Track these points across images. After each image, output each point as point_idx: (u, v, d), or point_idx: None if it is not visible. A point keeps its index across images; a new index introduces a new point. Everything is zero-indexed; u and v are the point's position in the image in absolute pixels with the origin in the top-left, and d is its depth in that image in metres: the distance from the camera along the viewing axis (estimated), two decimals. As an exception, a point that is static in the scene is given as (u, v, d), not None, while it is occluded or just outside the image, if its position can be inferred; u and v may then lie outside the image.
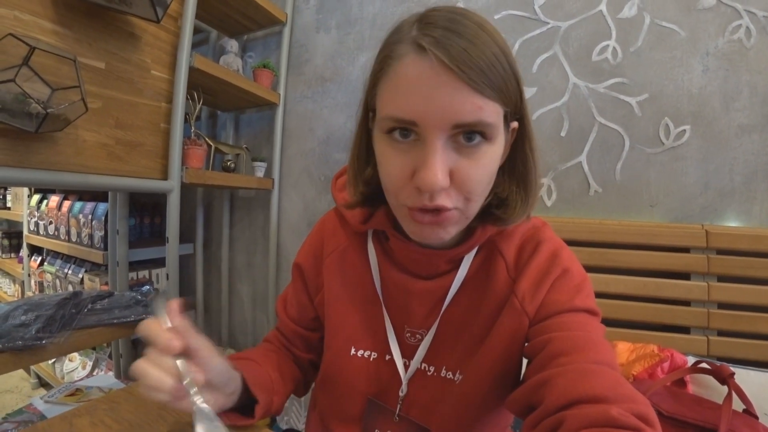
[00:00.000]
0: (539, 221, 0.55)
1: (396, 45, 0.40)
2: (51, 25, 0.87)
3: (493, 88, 0.38)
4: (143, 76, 1.08)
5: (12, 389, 1.97)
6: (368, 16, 1.49)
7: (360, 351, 0.55)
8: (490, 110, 0.38)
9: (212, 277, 1.83)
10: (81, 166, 0.95)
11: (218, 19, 1.53)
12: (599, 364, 0.39)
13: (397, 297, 0.55)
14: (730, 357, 0.95)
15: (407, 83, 0.39)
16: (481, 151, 0.40)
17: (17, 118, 0.78)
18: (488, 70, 0.37)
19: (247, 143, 1.69)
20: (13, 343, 0.84)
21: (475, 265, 0.53)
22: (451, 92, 0.37)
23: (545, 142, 1.21)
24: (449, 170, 0.39)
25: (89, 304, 1.03)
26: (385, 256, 0.55)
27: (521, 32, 1.24)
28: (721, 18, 1.05)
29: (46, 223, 1.82)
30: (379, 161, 0.44)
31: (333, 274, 0.58)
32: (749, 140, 1.02)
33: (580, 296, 0.47)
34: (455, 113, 0.37)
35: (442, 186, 0.38)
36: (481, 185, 0.41)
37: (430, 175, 0.38)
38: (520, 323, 0.48)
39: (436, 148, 0.38)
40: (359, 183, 0.51)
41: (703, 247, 1.00)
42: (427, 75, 0.37)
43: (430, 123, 0.38)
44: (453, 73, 0.36)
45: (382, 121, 0.42)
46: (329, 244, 0.59)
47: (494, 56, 0.38)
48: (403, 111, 0.39)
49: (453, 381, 0.51)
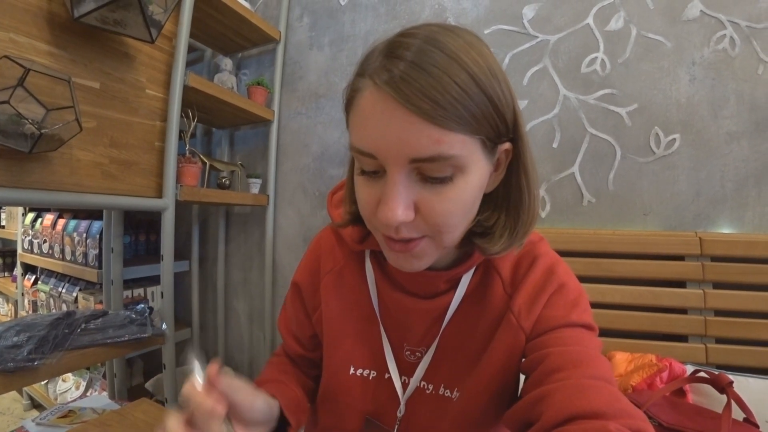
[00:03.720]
0: (536, 236, 0.55)
1: (360, 77, 0.40)
2: (46, 47, 0.88)
3: (457, 119, 0.35)
4: (138, 96, 1.09)
5: (3, 411, 1.94)
6: (360, 33, 1.51)
7: (359, 370, 0.55)
8: (451, 141, 0.36)
9: (208, 294, 1.82)
10: (75, 186, 0.95)
11: (213, 37, 1.55)
12: (596, 379, 0.38)
13: (395, 315, 0.54)
14: (730, 364, 0.95)
15: (365, 116, 0.38)
16: (447, 183, 0.38)
17: (11, 139, 0.78)
18: (452, 101, 0.35)
19: (242, 160, 1.70)
20: (5, 365, 0.83)
21: (473, 283, 0.52)
22: (406, 126, 0.35)
23: (538, 153, 1.21)
24: (413, 203, 0.38)
25: (83, 324, 1.02)
26: (383, 276, 0.55)
27: (511, 46, 1.27)
28: (705, 29, 1.07)
29: (40, 242, 1.81)
30: (355, 188, 0.44)
31: (330, 293, 0.58)
32: (738, 147, 1.04)
33: (577, 311, 0.47)
34: (411, 148, 0.36)
35: (400, 221, 0.37)
36: (451, 217, 0.39)
37: (387, 211, 0.37)
38: (516, 339, 0.48)
39: (395, 182, 0.37)
40: (349, 202, 0.51)
41: (698, 254, 1.00)
42: (381, 109, 0.36)
43: (387, 157, 0.37)
44: (405, 107, 0.35)
45: (351, 148, 0.41)
46: (326, 262, 0.59)
47: (462, 87, 0.35)
48: (363, 143, 0.38)
49: (450, 399, 0.51)
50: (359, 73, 0.40)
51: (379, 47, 0.40)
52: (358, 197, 0.43)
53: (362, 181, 0.42)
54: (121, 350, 1.06)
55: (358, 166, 0.42)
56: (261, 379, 0.57)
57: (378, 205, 0.39)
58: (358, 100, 0.39)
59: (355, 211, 0.50)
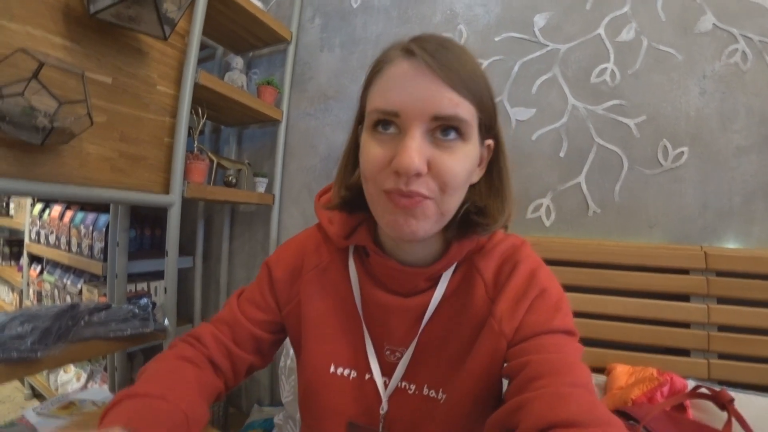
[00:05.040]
0: (519, 240, 0.56)
1: (388, 52, 0.46)
2: (61, 41, 0.90)
3: (470, 91, 0.43)
4: (149, 92, 1.10)
5: (4, 399, 1.96)
6: (372, 36, 1.52)
7: (339, 369, 0.55)
8: (465, 108, 0.43)
9: (211, 291, 1.82)
10: (84, 179, 0.96)
11: (225, 36, 1.57)
12: (575, 387, 0.39)
13: (377, 314, 0.55)
14: (732, 380, 0.94)
15: (393, 79, 0.44)
16: (456, 146, 0.43)
17: (23, 131, 0.79)
18: (467, 77, 0.43)
19: (249, 158, 1.71)
20: (9, 354, 0.84)
21: (454, 283, 0.53)
22: (431, 87, 0.42)
23: (544, 162, 1.22)
24: (426, 160, 0.42)
25: (86, 317, 1.03)
26: (365, 273, 0.56)
27: (521, 54, 1.27)
28: (717, 42, 1.07)
29: (47, 233, 1.82)
30: (361, 153, 0.47)
31: (313, 290, 0.58)
32: (747, 161, 1.03)
33: (558, 316, 0.48)
34: (434, 105, 0.41)
35: (417, 168, 0.41)
36: (457, 177, 0.43)
37: (407, 158, 0.40)
38: (498, 345, 0.49)
39: (414, 136, 0.42)
40: (342, 188, 0.53)
41: (703, 268, 0.99)
42: (411, 73, 0.42)
43: (411, 113, 0.42)
44: (435, 72, 0.41)
45: (369, 115, 0.46)
46: (310, 260, 0.59)
47: (473, 70, 0.44)
48: (387, 103, 0.43)
49: (437, 400, 0.51)
50: (383, 55, 0.47)
51: (399, 42, 0.47)
52: (367, 157, 0.45)
53: (373, 142, 0.45)
54: (123, 344, 1.07)
55: (369, 133, 0.46)
56: (130, 393, 0.45)
57: (391, 161, 0.42)
58: (386, 68, 0.45)
59: (347, 196, 0.53)
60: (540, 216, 1.21)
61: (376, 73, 0.46)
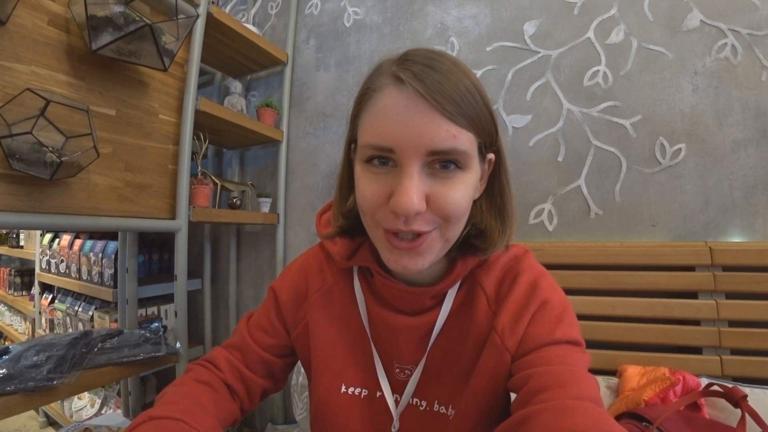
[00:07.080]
0: (521, 249, 0.56)
1: (377, 78, 0.43)
2: (65, 78, 0.93)
3: (467, 117, 0.40)
4: (152, 121, 1.13)
5: (20, 428, 1.96)
6: (365, 53, 1.55)
7: (351, 388, 0.55)
8: (463, 138, 0.40)
9: (220, 312, 1.84)
10: (93, 209, 0.99)
11: (222, 61, 1.61)
12: (581, 400, 0.38)
13: (384, 333, 0.55)
14: (746, 376, 0.93)
15: (385, 112, 0.41)
16: (456, 177, 0.42)
17: (33, 167, 0.82)
18: (461, 101, 0.40)
19: (253, 179, 1.74)
20: (25, 384, 0.85)
21: (458, 299, 0.53)
22: (426, 120, 0.39)
23: (543, 167, 1.23)
24: (425, 195, 0.41)
25: (99, 343, 1.05)
26: (371, 293, 0.56)
27: (513, 62, 1.29)
28: (706, 38, 1.08)
29: (57, 262, 1.85)
30: (357, 186, 0.45)
31: (319, 312, 0.58)
32: (746, 155, 1.03)
33: (561, 327, 0.47)
34: (430, 140, 0.39)
35: (416, 209, 0.40)
36: (458, 208, 0.42)
37: (405, 199, 0.39)
38: (501, 359, 0.48)
39: (411, 173, 0.40)
40: (339, 216, 0.53)
41: (708, 264, 0.99)
42: (404, 104, 0.40)
43: (407, 149, 0.40)
44: (428, 102, 0.39)
45: (361, 149, 0.44)
46: (314, 282, 0.60)
47: (467, 90, 0.41)
48: (381, 138, 0.41)
49: (447, 416, 0.51)
50: (374, 76, 0.44)
51: (387, 59, 0.45)
52: (363, 193, 0.44)
53: (368, 177, 0.43)
54: (137, 369, 1.08)
55: (364, 167, 0.44)
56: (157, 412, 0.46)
57: (389, 198, 0.41)
58: (376, 98, 0.42)
59: (344, 224, 0.52)
60: (542, 221, 1.22)
61: (367, 100, 0.44)
